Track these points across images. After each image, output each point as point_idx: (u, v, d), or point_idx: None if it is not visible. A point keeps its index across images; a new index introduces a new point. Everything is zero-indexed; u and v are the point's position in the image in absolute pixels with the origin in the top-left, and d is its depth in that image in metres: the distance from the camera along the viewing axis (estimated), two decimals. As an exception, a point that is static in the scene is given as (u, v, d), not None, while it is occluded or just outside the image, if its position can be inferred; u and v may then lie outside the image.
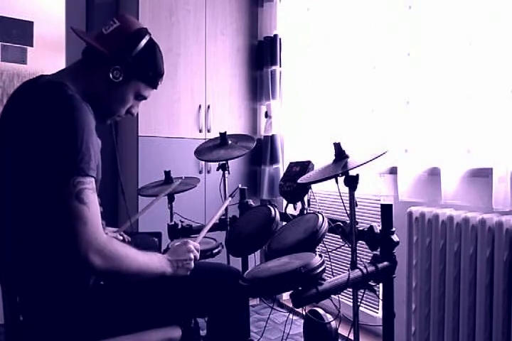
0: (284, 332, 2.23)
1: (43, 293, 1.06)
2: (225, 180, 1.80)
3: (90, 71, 1.14)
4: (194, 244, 1.21)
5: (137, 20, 1.26)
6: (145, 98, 1.24)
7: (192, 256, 1.17)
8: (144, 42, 1.15)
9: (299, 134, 2.70)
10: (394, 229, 1.27)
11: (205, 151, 1.77)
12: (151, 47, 1.18)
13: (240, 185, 1.84)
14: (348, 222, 1.29)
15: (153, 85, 1.23)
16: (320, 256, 1.08)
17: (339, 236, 1.38)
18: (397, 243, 1.26)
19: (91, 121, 1.03)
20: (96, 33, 1.15)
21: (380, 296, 1.34)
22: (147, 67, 1.18)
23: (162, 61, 1.23)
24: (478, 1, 1.62)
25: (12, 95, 1.12)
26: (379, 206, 1.34)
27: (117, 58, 1.12)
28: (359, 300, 1.31)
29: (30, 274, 1.06)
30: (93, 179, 1.01)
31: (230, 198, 1.60)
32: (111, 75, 1.12)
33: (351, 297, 1.37)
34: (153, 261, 1.10)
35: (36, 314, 1.08)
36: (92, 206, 0.98)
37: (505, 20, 1.53)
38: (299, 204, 1.54)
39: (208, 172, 2.63)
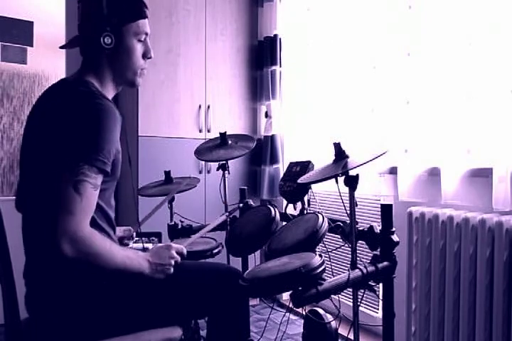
0: (284, 332, 2.23)
1: (45, 290, 1.07)
2: (225, 180, 1.80)
3: (94, 57, 1.16)
4: (178, 248, 1.19)
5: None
6: (147, 33, 1.20)
7: (173, 262, 1.15)
8: None
9: (299, 134, 2.70)
10: (394, 229, 1.27)
11: (205, 151, 1.77)
12: None
13: (240, 205, 1.82)
14: (348, 222, 1.29)
15: (140, 14, 1.17)
16: (320, 256, 1.08)
17: (339, 236, 1.38)
18: (397, 243, 1.26)
19: (117, 121, 1.04)
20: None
21: (380, 296, 1.34)
22: (122, 8, 1.14)
23: None
24: (478, 1, 1.62)
25: (41, 98, 1.14)
26: (379, 206, 1.34)
27: (99, 27, 1.11)
28: (359, 300, 1.31)
29: (35, 267, 1.09)
30: (101, 176, 0.99)
31: (226, 213, 1.60)
32: (106, 42, 1.11)
33: (351, 297, 1.37)
34: (131, 261, 1.08)
35: (38, 312, 1.08)
36: (85, 200, 0.96)
37: (505, 21, 1.52)
38: (299, 204, 1.54)
39: (208, 172, 2.63)
